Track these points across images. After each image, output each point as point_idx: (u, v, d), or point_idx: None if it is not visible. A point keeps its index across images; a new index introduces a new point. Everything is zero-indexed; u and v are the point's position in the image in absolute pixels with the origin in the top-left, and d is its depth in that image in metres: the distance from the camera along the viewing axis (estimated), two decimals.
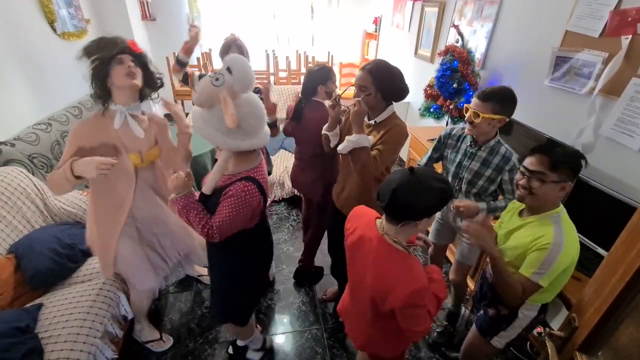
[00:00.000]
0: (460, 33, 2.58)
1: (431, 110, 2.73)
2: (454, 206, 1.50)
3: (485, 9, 2.53)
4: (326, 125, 1.60)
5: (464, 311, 2.07)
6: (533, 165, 1.13)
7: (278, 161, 3.25)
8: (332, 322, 2.04)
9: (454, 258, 1.93)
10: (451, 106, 2.51)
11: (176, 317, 2.03)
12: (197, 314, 2.05)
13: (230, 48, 1.96)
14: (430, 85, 2.72)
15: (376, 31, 4.84)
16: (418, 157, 2.84)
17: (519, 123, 2.05)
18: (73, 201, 2.01)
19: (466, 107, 1.54)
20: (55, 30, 2.60)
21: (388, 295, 1.01)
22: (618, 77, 1.61)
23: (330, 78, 1.85)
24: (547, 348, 0.94)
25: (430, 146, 1.81)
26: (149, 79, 1.39)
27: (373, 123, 1.49)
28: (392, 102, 1.50)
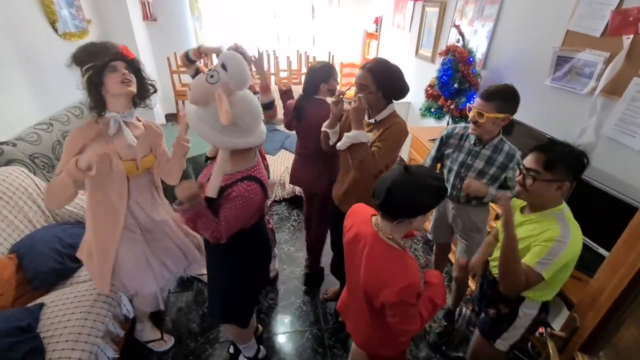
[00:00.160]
0: (461, 33, 2.58)
1: (432, 110, 2.73)
2: (465, 186, 1.51)
3: (486, 9, 2.53)
4: (327, 122, 1.60)
5: (465, 311, 2.07)
6: (529, 162, 1.14)
7: (279, 161, 3.25)
8: (333, 322, 2.05)
9: (455, 257, 1.93)
10: (452, 106, 2.51)
11: (177, 317, 2.04)
12: (198, 314, 2.05)
13: None
14: (431, 85, 2.72)
15: (377, 31, 4.84)
16: (419, 157, 2.84)
17: (520, 123, 2.05)
18: (74, 201, 2.00)
19: (469, 107, 1.54)
20: (56, 30, 2.61)
21: (380, 291, 1.01)
22: (619, 77, 1.61)
23: (332, 75, 1.86)
24: (549, 348, 0.94)
25: (431, 146, 1.81)
26: (142, 85, 1.37)
27: (373, 121, 1.49)
28: (393, 101, 1.50)
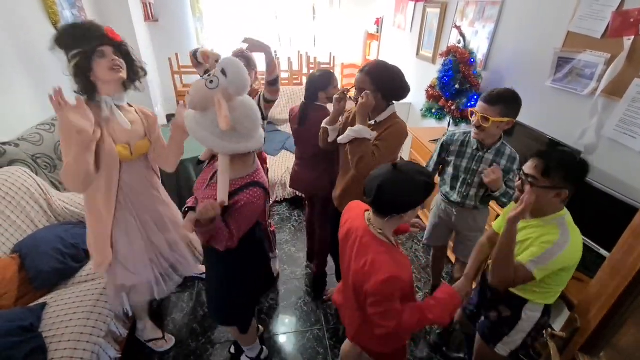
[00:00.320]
0: (462, 34, 2.58)
1: (433, 111, 2.73)
2: (487, 173, 1.50)
3: (487, 10, 2.53)
4: (327, 118, 1.60)
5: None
6: (528, 168, 1.14)
7: (280, 162, 3.26)
8: (334, 323, 2.05)
9: (455, 256, 1.93)
10: (453, 107, 2.51)
11: (178, 317, 2.04)
12: (199, 314, 2.05)
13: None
14: (432, 86, 2.72)
15: (378, 32, 4.84)
16: (420, 158, 2.84)
17: (521, 124, 2.05)
18: (76, 201, 2.02)
19: (471, 111, 1.53)
20: None
21: (365, 283, 1.04)
22: (620, 78, 1.61)
23: (331, 84, 1.86)
24: (549, 348, 0.94)
25: (431, 147, 1.82)
26: (132, 68, 1.35)
27: (373, 123, 1.49)
28: (393, 103, 1.51)
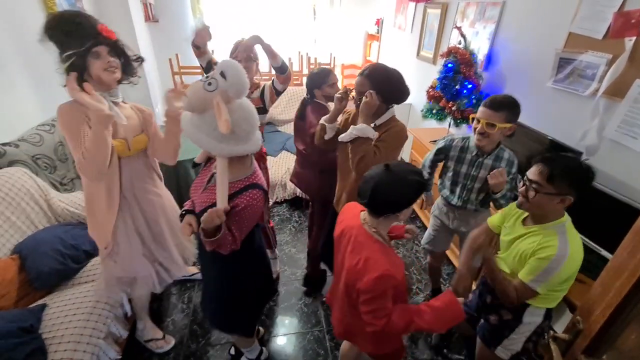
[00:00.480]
0: (462, 34, 2.57)
1: (433, 112, 2.72)
2: (493, 175, 1.48)
3: (487, 11, 2.53)
4: (326, 116, 1.60)
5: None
6: (532, 174, 1.13)
7: (280, 162, 3.25)
8: None
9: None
10: (453, 108, 2.50)
11: (178, 318, 2.04)
12: (199, 315, 2.05)
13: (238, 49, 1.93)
14: (432, 86, 2.72)
15: (378, 32, 4.84)
16: (420, 159, 2.83)
17: (522, 125, 2.05)
18: (76, 202, 2.01)
19: (473, 118, 1.53)
20: None
21: (358, 281, 1.06)
22: (622, 79, 1.60)
23: (326, 82, 1.85)
24: (552, 351, 0.94)
25: (432, 147, 1.83)
26: (128, 65, 1.34)
27: (373, 126, 1.49)
28: (393, 105, 1.50)
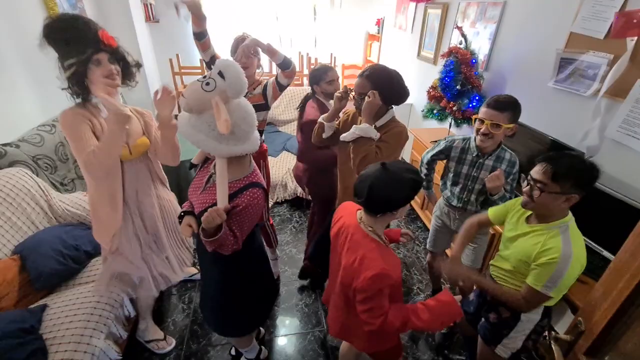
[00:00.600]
0: (463, 35, 2.57)
1: (434, 112, 2.72)
2: (491, 178, 1.47)
3: (488, 11, 2.53)
4: (326, 114, 1.59)
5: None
6: (536, 173, 1.13)
7: (280, 163, 3.25)
8: None
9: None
10: (454, 108, 2.50)
11: (179, 319, 2.03)
12: (200, 316, 2.04)
13: (239, 45, 1.90)
14: (433, 87, 2.71)
15: (379, 33, 4.83)
16: (420, 159, 2.82)
17: (523, 125, 2.04)
18: (77, 202, 2.01)
19: (476, 118, 1.52)
20: None
21: (354, 279, 1.06)
22: (623, 79, 1.60)
23: (323, 79, 1.84)
24: (553, 352, 0.93)
25: (431, 146, 1.84)
26: (127, 71, 1.35)
27: (374, 127, 1.48)
28: (392, 106, 1.50)
